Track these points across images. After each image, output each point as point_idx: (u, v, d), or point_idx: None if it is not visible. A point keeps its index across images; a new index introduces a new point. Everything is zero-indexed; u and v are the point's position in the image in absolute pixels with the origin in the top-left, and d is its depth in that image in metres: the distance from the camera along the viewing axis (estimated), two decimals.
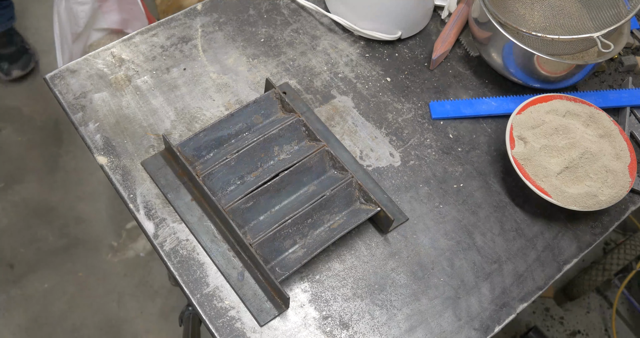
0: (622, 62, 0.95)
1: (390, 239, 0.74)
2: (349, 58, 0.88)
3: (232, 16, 0.90)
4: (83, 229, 1.60)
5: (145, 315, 1.50)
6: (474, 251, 0.75)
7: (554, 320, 1.65)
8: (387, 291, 0.71)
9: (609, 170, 0.75)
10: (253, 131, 0.76)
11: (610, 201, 0.73)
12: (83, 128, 0.77)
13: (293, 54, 0.87)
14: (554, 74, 0.82)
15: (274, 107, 0.77)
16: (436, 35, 0.93)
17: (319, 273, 0.71)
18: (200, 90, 0.82)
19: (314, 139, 0.75)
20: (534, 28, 0.88)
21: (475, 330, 0.69)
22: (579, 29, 0.85)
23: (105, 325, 1.48)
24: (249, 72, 0.85)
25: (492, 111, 0.85)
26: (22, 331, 1.45)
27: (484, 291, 0.72)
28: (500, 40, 0.81)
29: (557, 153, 0.75)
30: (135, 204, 0.72)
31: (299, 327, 0.67)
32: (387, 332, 0.68)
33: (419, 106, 0.86)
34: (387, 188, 0.78)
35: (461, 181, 0.80)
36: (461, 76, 0.90)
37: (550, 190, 0.73)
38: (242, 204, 0.69)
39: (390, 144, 0.82)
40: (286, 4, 0.92)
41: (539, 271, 0.74)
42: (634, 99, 0.88)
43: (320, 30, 0.91)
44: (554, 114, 0.79)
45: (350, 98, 0.85)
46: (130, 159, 0.75)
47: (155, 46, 0.85)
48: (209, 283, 0.68)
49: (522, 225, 0.78)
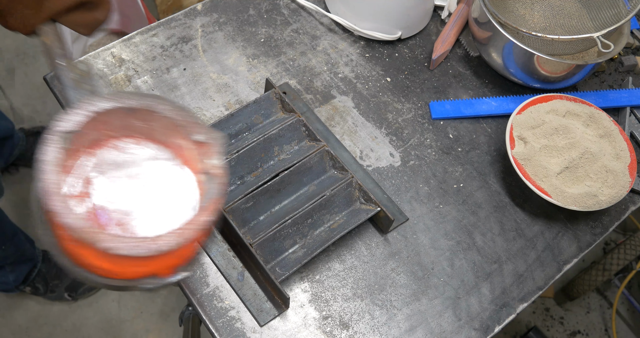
0: (622, 62, 0.94)
1: (390, 239, 0.74)
2: (349, 58, 0.88)
3: (232, 16, 0.90)
4: None
5: (145, 315, 1.50)
6: (474, 251, 0.75)
7: (554, 320, 1.65)
8: (387, 291, 0.71)
9: (609, 170, 0.75)
10: (253, 131, 0.76)
11: (610, 201, 0.73)
12: None
13: (293, 54, 0.87)
14: (554, 74, 0.82)
15: (274, 108, 0.77)
16: (436, 35, 0.93)
17: (319, 273, 0.71)
18: (200, 90, 0.82)
19: (314, 139, 0.75)
20: (534, 28, 0.88)
21: (475, 330, 0.69)
22: (579, 29, 0.85)
23: (105, 325, 1.48)
24: (249, 72, 0.85)
25: (492, 111, 0.85)
26: (22, 331, 1.45)
27: (484, 292, 0.72)
28: (500, 40, 0.81)
29: (557, 153, 0.75)
30: None
31: (299, 327, 0.67)
32: (387, 332, 0.68)
33: (419, 106, 0.86)
34: (387, 188, 0.78)
35: (461, 181, 0.80)
36: (461, 76, 0.90)
37: (550, 190, 0.73)
38: (242, 204, 0.69)
39: (390, 144, 0.82)
40: (286, 4, 0.92)
41: (539, 271, 0.75)
42: (634, 99, 0.88)
43: (320, 30, 0.91)
44: (554, 114, 0.79)
45: (350, 98, 0.85)
46: None
47: (155, 46, 0.85)
48: (209, 283, 0.68)
49: (522, 225, 0.78)
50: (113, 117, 0.47)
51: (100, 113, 0.46)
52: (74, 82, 0.53)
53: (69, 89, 0.52)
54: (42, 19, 0.56)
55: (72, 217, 0.41)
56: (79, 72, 0.54)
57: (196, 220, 0.45)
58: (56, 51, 0.55)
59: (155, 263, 0.46)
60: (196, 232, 0.44)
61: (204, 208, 0.45)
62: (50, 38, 0.55)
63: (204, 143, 0.48)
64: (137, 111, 0.47)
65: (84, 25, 0.59)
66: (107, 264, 0.44)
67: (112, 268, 0.45)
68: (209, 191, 0.46)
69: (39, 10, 0.55)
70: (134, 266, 0.45)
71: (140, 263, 0.45)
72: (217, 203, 0.46)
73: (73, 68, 0.54)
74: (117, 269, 0.45)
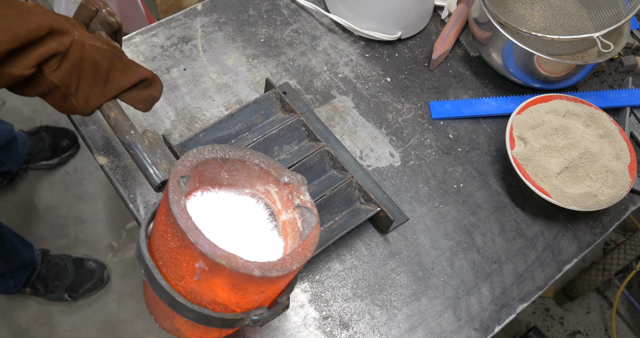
0: (622, 62, 0.95)
1: (390, 239, 0.74)
2: (349, 58, 0.89)
3: (232, 16, 0.90)
4: (83, 229, 1.60)
5: (145, 315, 1.50)
6: (474, 251, 0.75)
7: (554, 320, 1.65)
8: (387, 291, 0.71)
9: (609, 170, 0.75)
10: (253, 131, 0.76)
11: (610, 201, 0.73)
12: (83, 128, 0.77)
13: (293, 54, 0.88)
14: (554, 74, 0.82)
15: (274, 108, 0.77)
16: (436, 36, 0.93)
17: (319, 273, 0.71)
18: (200, 90, 0.82)
19: (314, 139, 0.75)
20: (534, 28, 0.88)
21: (475, 330, 0.69)
22: (579, 29, 0.85)
23: (105, 325, 1.48)
24: (249, 72, 0.85)
25: (492, 111, 0.85)
26: (22, 331, 1.45)
27: (484, 292, 0.72)
28: (500, 40, 0.81)
29: (557, 153, 0.75)
30: (135, 205, 0.72)
31: (299, 327, 0.67)
32: (387, 332, 0.68)
33: (419, 106, 0.86)
34: (387, 188, 0.78)
35: (461, 181, 0.80)
36: (461, 76, 0.90)
37: (550, 190, 0.73)
38: None
39: (390, 144, 0.82)
40: (286, 4, 0.92)
41: (539, 272, 0.74)
42: (634, 99, 0.88)
43: (320, 31, 0.91)
44: (554, 114, 0.79)
45: (350, 98, 0.85)
46: (130, 159, 0.75)
47: (155, 46, 0.85)
48: None
49: (522, 225, 0.78)
50: (208, 167, 0.54)
51: (200, 162, 0.53)
52: (149, 148, 0.58)
53: (146, 154, 0.58)
54: (108, 97, 0.59)
55: (209, 245, 0.46)
56: (149, 139, 0.59)
57: (305, 246, 0.52)
58: (126, 123, 0.59)
59: (268, 292, 0.51)
60: (306, 256, 0.51)
61: (308, 236, 0.53)
62: (116, 112, 0.60)
63: (290, 183, 0.56)
64: (229, 160, 0.56)
65: (142, 101, 0.62)
66: (230, 294, 0.48)
67: (232, 297, 0.49)
68: (309, 220, 0.54)
69: (104, 89, 0.58)
70: (253, 294, 0.49)
71: (258, 290, 0.49)
72: (317, 230, 0.54)
73: (144, 136, 0.59)
74: (236, 298, 0.49)
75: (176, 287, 0.49)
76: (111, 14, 0.60)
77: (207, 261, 0.46)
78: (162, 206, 0.49)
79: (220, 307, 0.50)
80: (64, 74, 0.55)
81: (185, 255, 0.47)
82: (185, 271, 0.47)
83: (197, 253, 0.45)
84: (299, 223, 0.55)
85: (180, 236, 0.46)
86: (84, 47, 0.55)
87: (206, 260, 0.45)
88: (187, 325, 0.53)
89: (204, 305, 0.49)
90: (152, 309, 0.56)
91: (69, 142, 1.67)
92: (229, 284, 0.47)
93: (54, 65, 0.54)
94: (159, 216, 0.50)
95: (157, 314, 0.56)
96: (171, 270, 0.49)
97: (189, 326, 0.54)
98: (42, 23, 0.51)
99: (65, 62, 0.54)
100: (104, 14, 0.60)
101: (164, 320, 0.55)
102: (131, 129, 0.59)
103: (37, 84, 0.55)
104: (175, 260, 0.48)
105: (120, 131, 0.59)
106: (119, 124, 0.59)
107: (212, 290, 0.48)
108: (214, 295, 0.49)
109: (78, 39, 0.55)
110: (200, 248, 0.45)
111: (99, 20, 0.60)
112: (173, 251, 0.47)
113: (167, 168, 0.58)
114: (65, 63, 0.54)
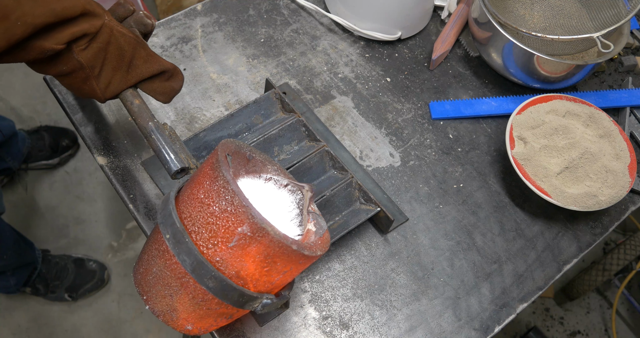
0: (622, 62, 0.95)
1: (390, 239, 0.74)
2: (349, 58, 0.89)
3: (232, 16, 0.90)
4: (83, 229, 1.60)
5: (145, 315, 1.50)
6: (474, 251, 0.75)
7: (554, 320, 1.65)
8: (387, 291, 0.71)
9: (609, 170, 0.75)
10: (253, 131, 0.76)
11: (610, 201, 0.73)
12: (83, 128, 0.77)
13: (293, 54, 0.88)
14: (554, 74, 0.82)
15: (274, 108, 0.77)
16: (436, 36, 0.93)
17: (319, 273, 0.71)
18: (200, 90, 0.82)
19: (313, 139, 0.75)
20: (534, 28, 0.88)
21: (475, 330, 0.69)
22: (579, 29, 0.85)
23: (105, 325, 1.48)
24: (249, 72, 0.85)
25: (492, 111, 0.85)
26: (22, 331, 1.45)
27: (484, 292, 0.72)
28: (500, 40, 0.81)
29: (557, 153, 0.75)
30: (135, 205, 0.72)
31: (299, 327, 0.67)
32: (387, 332, 0.68)
33: (419, 106, 0.86)
34: (387, 188, 0.78)
35: (461, 181, 0.80)
36: (461, 76, 0.90)
37: (550, 190, 0.73)
38: None
39: (390, 144, 0.82)
40: (286, 4, 0.92)
41: (539, 272, 0.75)
42: (634, 99, 0.88)
43: (320, 31, 0.91)
44: (554, 114, 0.79)
45: (350, 98, 0.85)
46: (130, 159, 0.75)
47: (155, 46, 0.85)
48: None
49: (522, 225, 0.78)
50: (237, 158, 0.58)
51: (235, 151, 0.57)
52: (169, 137, 0.60)
53: (165, 142, 0.60)
54: (129, 84, 0.61)
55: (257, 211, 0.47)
56: (168, 129, 0.61)
57: (324, 241, 0.56)
58: (149, 112, 0.61)
59: (286, 276, 0.53)
60: (326, 247, 0.54)
61: (322, 234, 0.56)
62: (140, 100, 0.61)
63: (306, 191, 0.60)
64: (254, 160, 0.60)
65: (162, 93, 0.63)
66: (257, 267, 0.50)
67: (256, 272, 0.50)
68: (320, 224, 0.58)
69: (127, 75, 0.60)
70: (276, 273, 0.51)
71: (283, 269, 0.51)
72: (328, 233, 0.58)
73: (164, 125, 0.61)
74: (259, 274, 0.51)
75: (204, 254, 0.50)
76: (148, 16, 0.62)
77: (252, 226, 0.47)
78: (204, 175, 0.51)
79: (239, 282, 0.50)
80: (90, 55, 0.56)
81: (228, 220, 0.47)
82: (222, 237, 0.48)
83: (244, 216, 0.47)
84: (312, 226, 0.58)
85: (229, 200, 0.47)
86: (112, 31, 0.56)
87: (252, 225, 0.47)
88: (188, 304, 0.52)
89: (231, 278, 0.50)
90: (150, 287, 0.54)
91: (69, 142, 1.67)
92: (262, 255, 0.48)
93: (83, 44, 0.55)
94: (200, 183, 0.51)
95: (154, 292, 0.54)
96: (203, 236, 0.49)
97: (189, 306, 0.52)
98: (77, 3, 0.53)
99: (93, 43, 0.55)
100: (141, 16, 0.62)
101: (160, 299, 0.53)
102: (154, 118, 0.61)
103: (62, 62, 0.56)
104: (212, 226, 0.48)
105: (143, 117, 0.60)
106: (143, 111, 0.61)
107: (242, 260, 0.49)
108: (241, 266, 0.49)
109: (108, 23, 0.56)
110: (251, 210, 0.46)
111: (135, 19, 0.62)
112: (214, 216, 0.48)
113: (185, 157, 0.59)
114: (94, 44, 0.56)
